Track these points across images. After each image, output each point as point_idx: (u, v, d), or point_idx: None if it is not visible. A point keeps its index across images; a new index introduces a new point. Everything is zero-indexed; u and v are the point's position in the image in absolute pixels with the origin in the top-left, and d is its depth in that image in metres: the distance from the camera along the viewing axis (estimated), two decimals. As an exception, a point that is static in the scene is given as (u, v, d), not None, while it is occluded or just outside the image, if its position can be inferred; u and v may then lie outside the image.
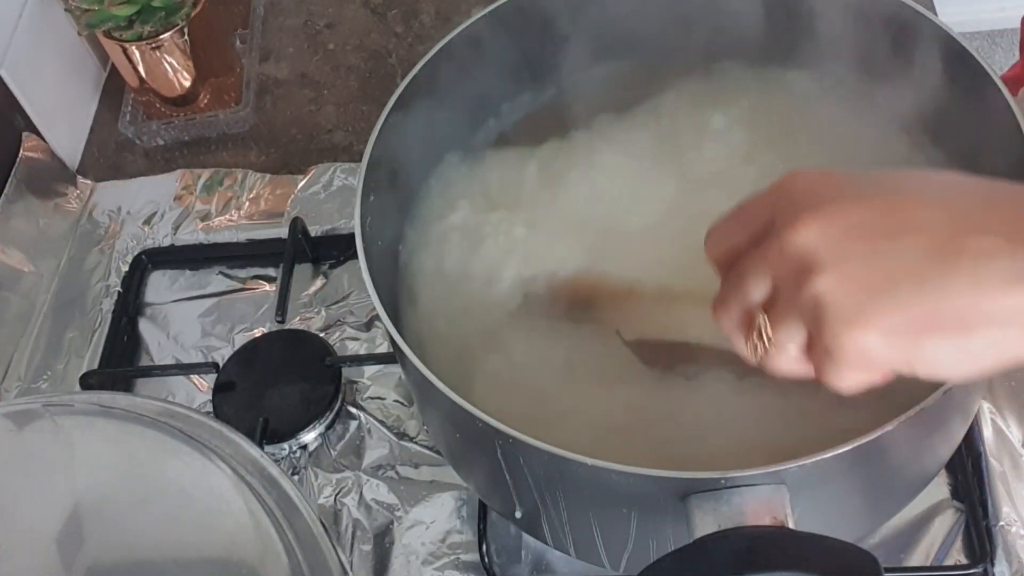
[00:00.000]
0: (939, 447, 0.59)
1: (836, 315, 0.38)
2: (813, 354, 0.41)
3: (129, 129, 0.95)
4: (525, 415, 0.54)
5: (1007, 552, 0.64)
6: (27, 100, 0.90)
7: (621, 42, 0.72)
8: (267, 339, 0.79)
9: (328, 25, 1.03)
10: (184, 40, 0.90)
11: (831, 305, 0.38)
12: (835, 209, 0.39)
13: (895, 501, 0.61)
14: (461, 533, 0.69)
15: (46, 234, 0.89)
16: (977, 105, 0.58)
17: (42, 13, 0.92)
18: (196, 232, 0.88)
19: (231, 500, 0.49)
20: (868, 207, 0.39)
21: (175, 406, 0.55)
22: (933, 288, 0.37)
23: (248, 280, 0.86)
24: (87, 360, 0.82)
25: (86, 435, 0.53)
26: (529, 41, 0.69)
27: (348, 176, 0.89)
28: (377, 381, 0.77)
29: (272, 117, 0.97)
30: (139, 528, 0.49)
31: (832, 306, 0.38)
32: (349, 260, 0.84)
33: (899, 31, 0.62)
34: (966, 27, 0.89)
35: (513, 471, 0.54)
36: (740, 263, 0.43)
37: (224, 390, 0.76)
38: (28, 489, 0.51)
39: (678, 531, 0.49)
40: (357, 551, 0.70)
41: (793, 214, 0.40)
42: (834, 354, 0.39)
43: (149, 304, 0.86)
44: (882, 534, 0.66)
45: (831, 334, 0.39)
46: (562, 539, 0.59)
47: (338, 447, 0.74)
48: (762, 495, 0.47)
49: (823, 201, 0.40)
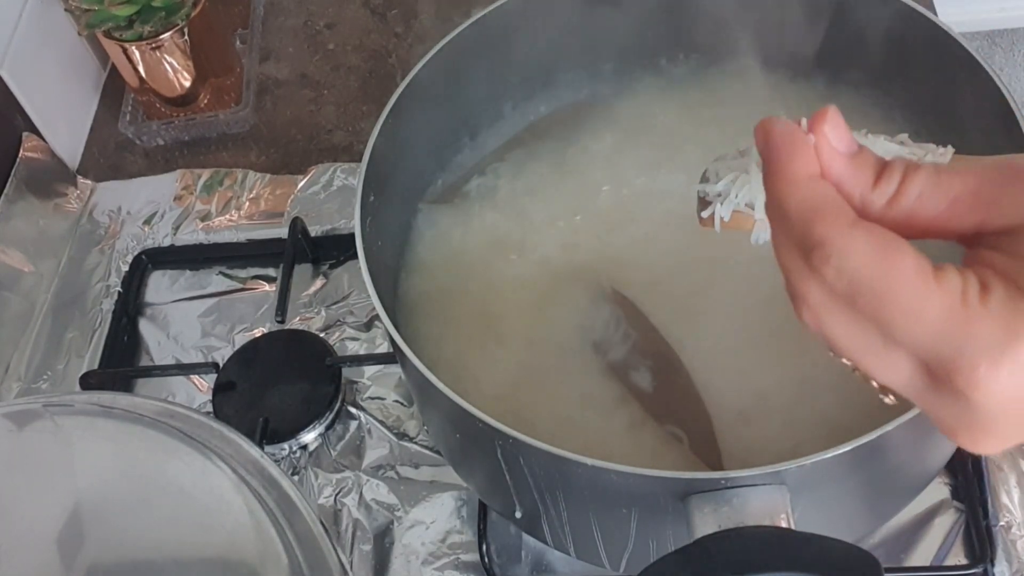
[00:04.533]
0: (939, 447, 0.59)
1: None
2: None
3: (129, 129, 0.95)
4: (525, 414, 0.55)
5: (1007, 552, 0.64)
6: (27, 100, 0.90)
7: (621, 40, 0.72)
8: (267, 339, 0.79)
9: (328, 25, 1.03)
10: (184, 40, 0.90)
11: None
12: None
13: (895, 501, 0.61)
14: (461, 533, 0.69)
15: (46, 234, 0.89)
16: (977, 105, 0.58)
17: (42, 13, 0.92)
18: (196, 232, 0.88)
19: (231, 500, 0.49)
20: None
21: (175, 406, 0.55)
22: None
23: (248, 280, 0.86)
24: (87, 360, 0.82)
25: (86, 435, 0.53)
26: (529, 41, 0.69)
27: (348, 176, 0.89)
28: (377, 381, 0.77)
29: (272, 117, 0.97)
30: (139, 528, 0.49)
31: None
32: (349, 260, 0.84)
33: (899, 31, 0.62)
34: (966, 27, 0.89)
35: (513, 471, 0.54)
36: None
37: (224, 390, 0.76)
38: (28, 489, 0.51)
39: (678, 531, 0.49)
40: (357, 551, 0.70)
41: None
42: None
43: (149, 304, 0.86)
44: (882, 534, 0.66)
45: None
46: (562, 539, 0.59)
47: (338, 447, 0.74)
48: (762, 495, 0.47)
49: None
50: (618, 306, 0.63)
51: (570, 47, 0.71)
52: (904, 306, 0.30)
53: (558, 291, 0.65)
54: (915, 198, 0.33)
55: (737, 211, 0.40)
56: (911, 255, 0.31)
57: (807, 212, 0.32)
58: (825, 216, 0.32)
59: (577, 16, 0.69)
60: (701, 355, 0.61)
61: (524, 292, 0.66)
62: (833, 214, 0.32)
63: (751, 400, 0.59)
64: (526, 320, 0.64)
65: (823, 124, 0.33)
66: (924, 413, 0.33)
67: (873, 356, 0.32)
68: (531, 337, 0.64)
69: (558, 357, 0.63)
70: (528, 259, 0.67)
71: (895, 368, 0.32)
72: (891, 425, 0.46)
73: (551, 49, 0.71)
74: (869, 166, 0.33)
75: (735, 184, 0.40)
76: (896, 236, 0.31)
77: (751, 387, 0.59)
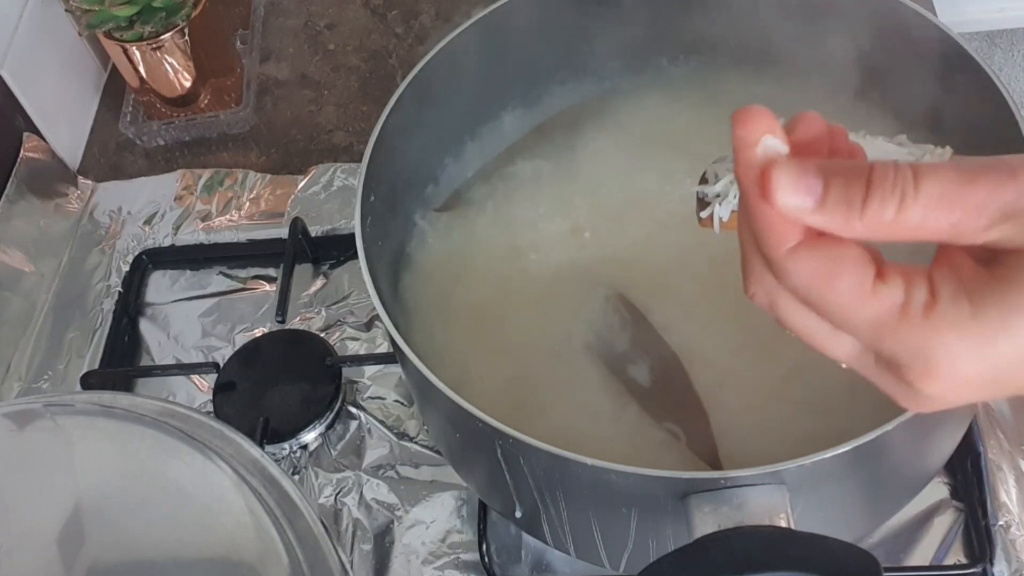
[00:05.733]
0: (938, 447, 0.59)
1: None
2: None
3: (130, 129, 0.95)
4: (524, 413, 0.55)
5: (1006, 552, 0.64)
6: (28, 100, 0.90)
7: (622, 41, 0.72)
8: (267, 339, 0.79)
9: (328, 26, 1.03)
10: (185, 40, 0.90)
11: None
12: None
13: (894, 501, 0.61)
14: (461, 533, 0.70)
15: (47, 234, 0.89)
16: (976, 106, 0.58)
17: (43, 14, 0.92)
18: (196, 232, 0.88)
19: (232, 500, 0.49)
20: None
21: (176, 406, 0.55)
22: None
23: (248, 280, 0.86)
24: (88, 360, 0.82)
25: (87, 435, 0.53)
26: (530, 42, 0.69)
27: (348, 176, 0.89)
28: (377, 381, 0.77)
29: (272, 117, 0.97)
30: (139, 528, 0.49)
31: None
32: (349, 260, 0.85)
33: (898, 31, 0.62)
34: (965, 27, 0.89)
35: (513, 471, 0.54)
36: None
37: (224, 390, 0.76)
38: (28, 489, 0.51)
39: (678, 531, 0.49)
40: (357, 551, 0.70)
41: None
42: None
43: (150, 304, 0.86)
44: (882, 534, 0.66)
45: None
46: (562, 539, 0.59)
47: (338, 447, 0.75)
48: (762, 495, 0.47)
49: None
50: (618, 306, 0.63)
51: (571, 48, 0.71)
52: (840, 316, 0.34)
53: (558, 291, 0.65)
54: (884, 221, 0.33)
55: (735, 212, 0.40)
56: (848, 271, 0.34)
57: (759, 230, 0.34)
58: (772, 236, 0.34)
59: (578, 17, 0.69)
60: (700, 355, 0.61)
61: (524, 292, 0.66)
62: (779, 235, 0.34)
63: (750, 400, 0.59)
64: (526, 320, 0.64)
65: (773, 191, 0.34)
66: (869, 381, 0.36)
67: (822, 337, 0.36)
68: (531, 337, 0.64)
69: (558, 357, 0.63)
70: (528, 259, 0.67)
71: (842, 348, 0.36)
72: (891, 425, 0.47)
73: (552, 49, 0.71)
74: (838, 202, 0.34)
75: (733, 185, 0.40)
76: (839, 253, 0.34)
77: (750, 387, 0.59)
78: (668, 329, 0.62)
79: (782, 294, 0.35)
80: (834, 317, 0.35)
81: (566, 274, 0.66)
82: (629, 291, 0.64)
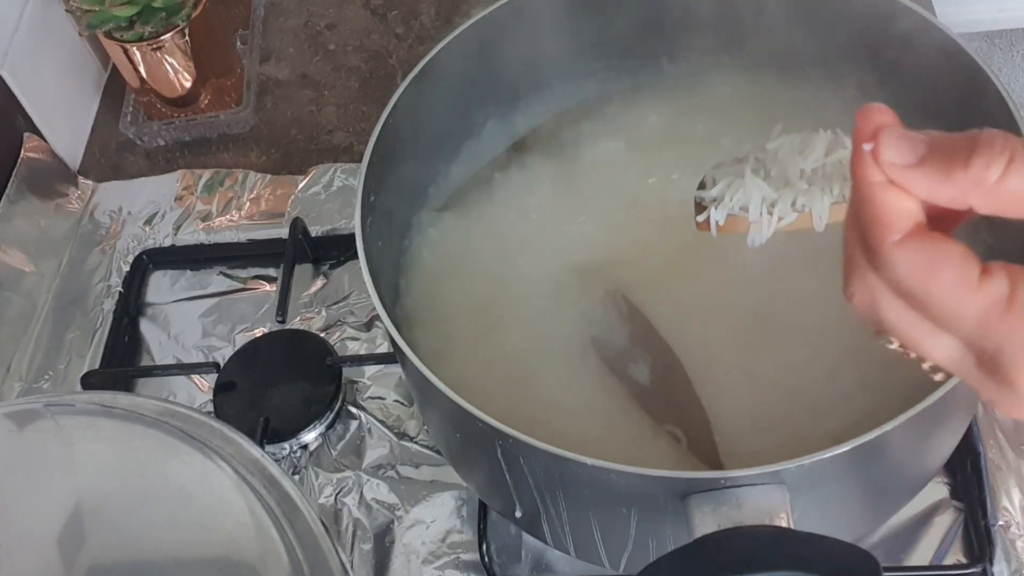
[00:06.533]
0: (938, 447, 0.59)
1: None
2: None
3: (130, 130, 0.95)
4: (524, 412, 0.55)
5: (1006, 552, 0.64)
6: (28, 101, 0.90)
7: (623, 41, 0.72)
8: (268, 339, 0.79)
9: (328, 26, 1.03)
10: (185, 41, 0.90)
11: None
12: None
13: (894, 501, 0.61)
14: (461, 533, 0.70)
15: (47, 234, 0.89)
16: (976, 106, 0.58)
17: (43, 14, 0.92)
18: (197, 232, 0.88)
19: (232, 500, 0.49)
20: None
21: (176, 406, 0.55)
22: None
23: (249, 280, 0.86)
24: (88, 360, 0.82)
25: (87, 435, 0.53)
26: (530, 42, 0.69)
27: (348, 176, 0.89)
28: (377, 381, 0.77)
29: (273, 117, 0.97)
30: (140, 528, 0.49)
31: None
32: (349, 260, 0.85)
33: (897, 31, 0.62)
34: (965, 27, 0.89)
35: (513, 471, 0.54)
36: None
37: (225, 390, 0.76)
38: (29, 489, 0.51)
39: (678, 531, 0.49)
40: (357, 550, 0.70)
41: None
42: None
43: (150, 304, 0.86)
44: (881, 534, 0.66)
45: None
46: (562, 539, 0.59)
47: (338, 447, 0.75)
48: (762, 495, 0.47)
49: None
50: (618, 307, 0.63)
51: (571, 48, 0.71)
52: (944, 309, 0.34)
53: (558, 291, 0.65)
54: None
55: (732, 215, 0.41)
56: (954, 265, 0.33)
57: (869, 220, 0.34)
58: (880, 227, 0.34)
59: (578, 17, 0.69)
60: (700, 355, 0.61)
61: (524, 292, 0.66)
62: (887, 225, 0.34)
63: (749, 400, 0.59)
64: (526, 320, 0.64)
65: (880, 146, 0.34)
66: (970, 387, 0.35)
67: (922, 337, 0.35)
68: (531, 337, 0.64)
69: (558, 357, 0.63)
70: (528, 259, 0.67)
71: (943, 349, 0.35)
72: (890, 425, 0.47)
73: (552, 50, 0.71)
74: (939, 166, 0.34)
75: (730, 189, 0.40)
76: (946, 247, 0.33)
77: (749, 387, 0.60)
78: (668, 329, 0.62)
79: (884, 292, 0.35)
80: (937, 311, 0.34)
81: (566, 274, 0.66)
82: (629, 291, 0.64)
